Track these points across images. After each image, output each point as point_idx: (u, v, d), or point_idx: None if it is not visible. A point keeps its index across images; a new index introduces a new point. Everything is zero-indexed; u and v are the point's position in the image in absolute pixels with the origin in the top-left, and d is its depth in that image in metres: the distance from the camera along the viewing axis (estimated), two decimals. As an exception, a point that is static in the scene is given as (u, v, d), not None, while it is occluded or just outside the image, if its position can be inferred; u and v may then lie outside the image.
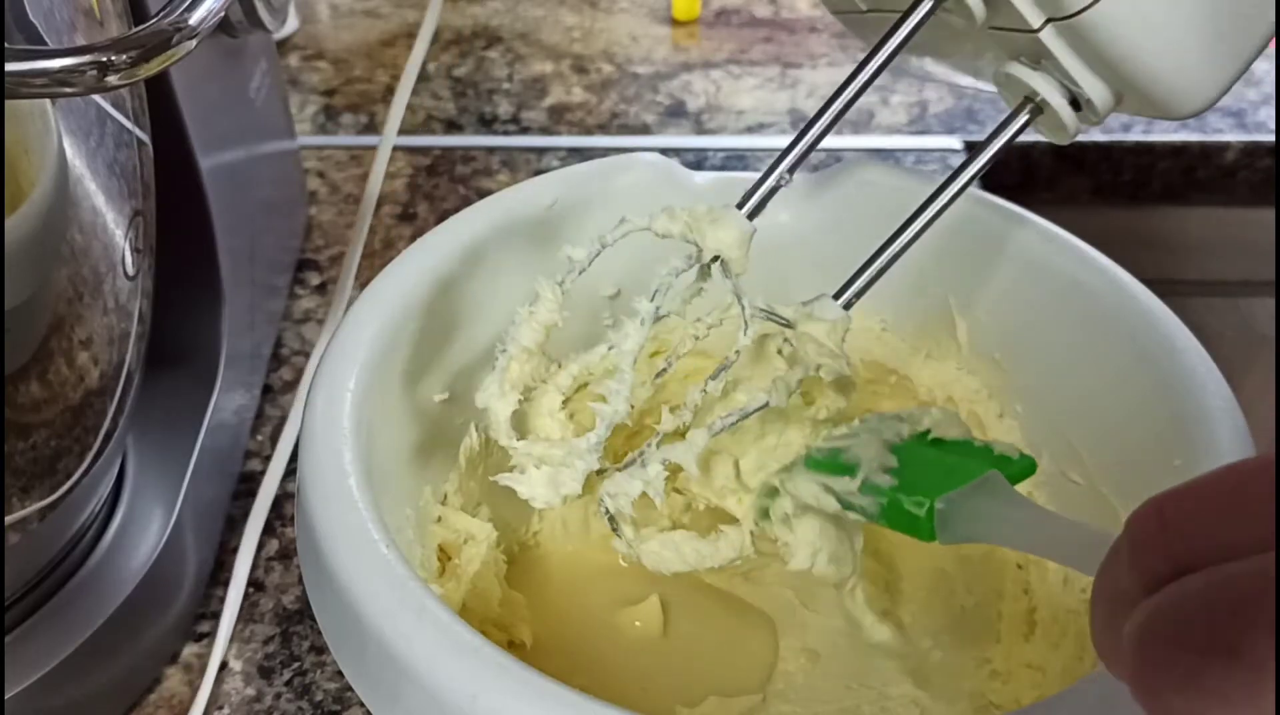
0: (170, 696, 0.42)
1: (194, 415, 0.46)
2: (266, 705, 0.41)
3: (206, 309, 0.47)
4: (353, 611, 0.29)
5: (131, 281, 0.36)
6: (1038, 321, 0.41)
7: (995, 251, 0.42)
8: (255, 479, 0.49)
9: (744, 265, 0.35)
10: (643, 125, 0.73)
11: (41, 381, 0.33)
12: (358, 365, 0.35)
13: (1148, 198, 0.74)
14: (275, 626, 0.44)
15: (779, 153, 0.36)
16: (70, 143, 0.32)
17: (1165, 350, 0.37)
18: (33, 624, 0.38)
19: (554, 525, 0.44)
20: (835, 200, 0.44)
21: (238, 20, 0.47)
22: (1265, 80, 0.77)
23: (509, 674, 0.28)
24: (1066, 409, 0.40)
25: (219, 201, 0.46)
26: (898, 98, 0.75)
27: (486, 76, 0.78)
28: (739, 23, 0.84)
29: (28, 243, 0.31)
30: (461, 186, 0.67)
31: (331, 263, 0.61)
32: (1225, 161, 0.72)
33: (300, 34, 0.82)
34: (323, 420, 0.34)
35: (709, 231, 0.34)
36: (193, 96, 0.44)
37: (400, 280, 0.38)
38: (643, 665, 0.40)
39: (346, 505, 0.31)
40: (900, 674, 0.40)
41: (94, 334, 0.35)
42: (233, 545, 0.47)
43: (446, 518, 0.39)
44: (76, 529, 0.39)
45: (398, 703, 0.29)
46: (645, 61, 0.79)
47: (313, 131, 0.72)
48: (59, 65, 0.26)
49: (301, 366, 0.55)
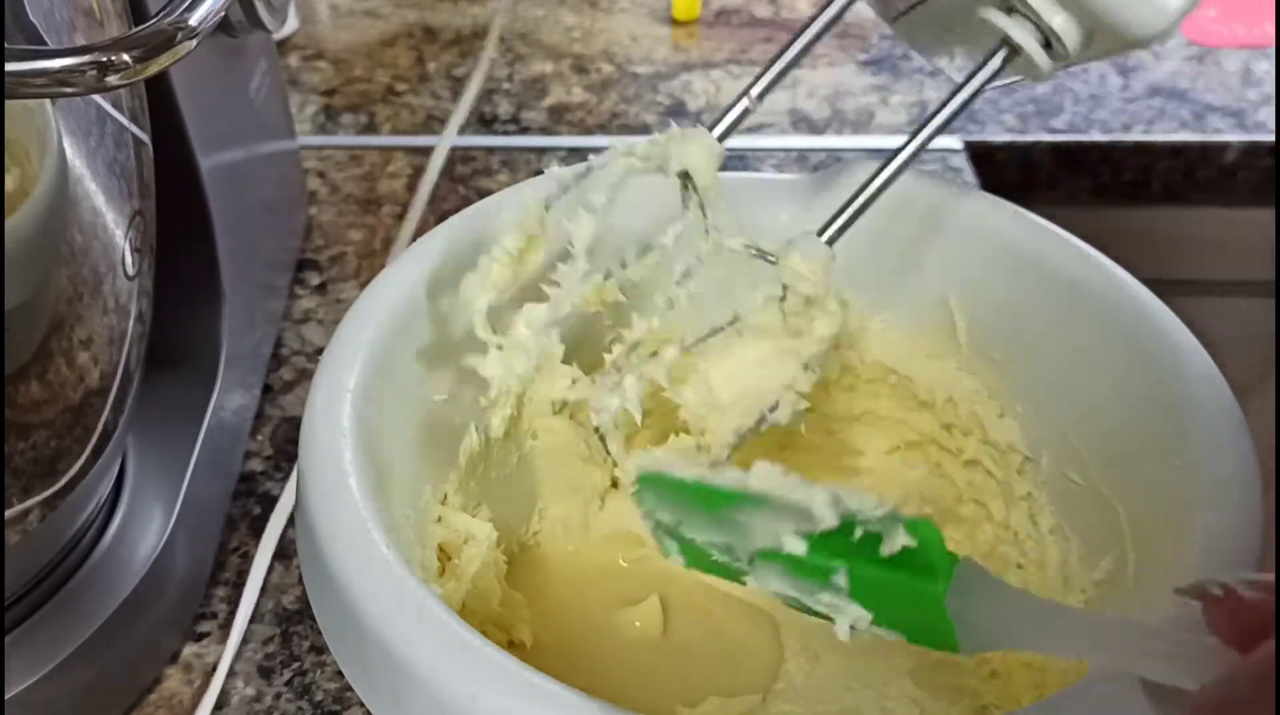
0: (170, 696, 0.42)
1: (194, 415, 0.46)
2: (266, 705, 0.41)
3: (206, 309, 0.47)
4: (353, 611, 0.29)
5: (131, 281, 0.36)
6: (1038, 321, 0.41)
7: (995, 251, 0.42)
8: (255, 479, 0.49)
9: (710, 180, 0.37)
10: (643, 125, 0.73)
11: (41, 381, 0.33)
12: (358, 365, 0.35)
13: (1148, 198, 0.74)
14: (275, 626, 0.44)
15: (758, 75, 0.39)
16: (70, 143, 0.32)
17: (1165, 350, 0.37)
18: (33, 623, 0.38)
19: (554, 525, 0.44)
20: (835, 200, 0.44)
21: (238, 20, 0.47)
22: (1265, 80, 0.77)
23: (509, 674, 0.28)
24: (1066, 409, 0.40)
25: (219, 201, 0.46)
26: (898, 98, 0.75)
27: (486, 76, 0.78)
28: (739, 23, 0.84)
29: (28, 243, 0.31)
30: (461, 186, 0.67)
31: (331, 263, 0.61)
32: (1225, 161, 0.72)
33: (300, 34, 0.82)
34: (323, 420, 0.34)
35: (676, 151, 0.36)
36: (193, 96, 0.44)
37: (400, 280, 0.38)
38: (643, 665, 0.40)
39: (346, 505, 0.31)
40: (900, 674, 0.40)
41: (94, 334, 0.35)
42: (232, 545, 0.47)
43: (446, 518, 0.39)
44: (76, 529, 0.39)
45: (398, 703, 0.29)
46: (645, 61, 0.79)
47: (313, 131, 0.72)
48: (59, 65, 0.26)
49: (301, 366, 0.55)
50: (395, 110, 0.74)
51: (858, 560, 0.29)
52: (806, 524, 0.29)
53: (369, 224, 0.64)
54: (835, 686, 0.40)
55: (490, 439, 0.41)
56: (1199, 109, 0.74)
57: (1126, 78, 0.77)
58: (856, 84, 0.77)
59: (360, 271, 0.61)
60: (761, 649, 0.41)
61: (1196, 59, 0.79)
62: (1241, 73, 0.78)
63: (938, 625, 0.29)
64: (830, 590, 0.29)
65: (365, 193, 0.67)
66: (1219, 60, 0.79)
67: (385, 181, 0.68)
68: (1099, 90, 0.76)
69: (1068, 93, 0.76)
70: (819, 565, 0.29)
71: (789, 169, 0.69)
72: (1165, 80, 0.76)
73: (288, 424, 0.52)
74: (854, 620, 0.30)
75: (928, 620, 0.29)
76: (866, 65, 0.79)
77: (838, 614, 0.30)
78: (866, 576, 0.29)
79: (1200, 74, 0.77)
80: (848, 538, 0.28)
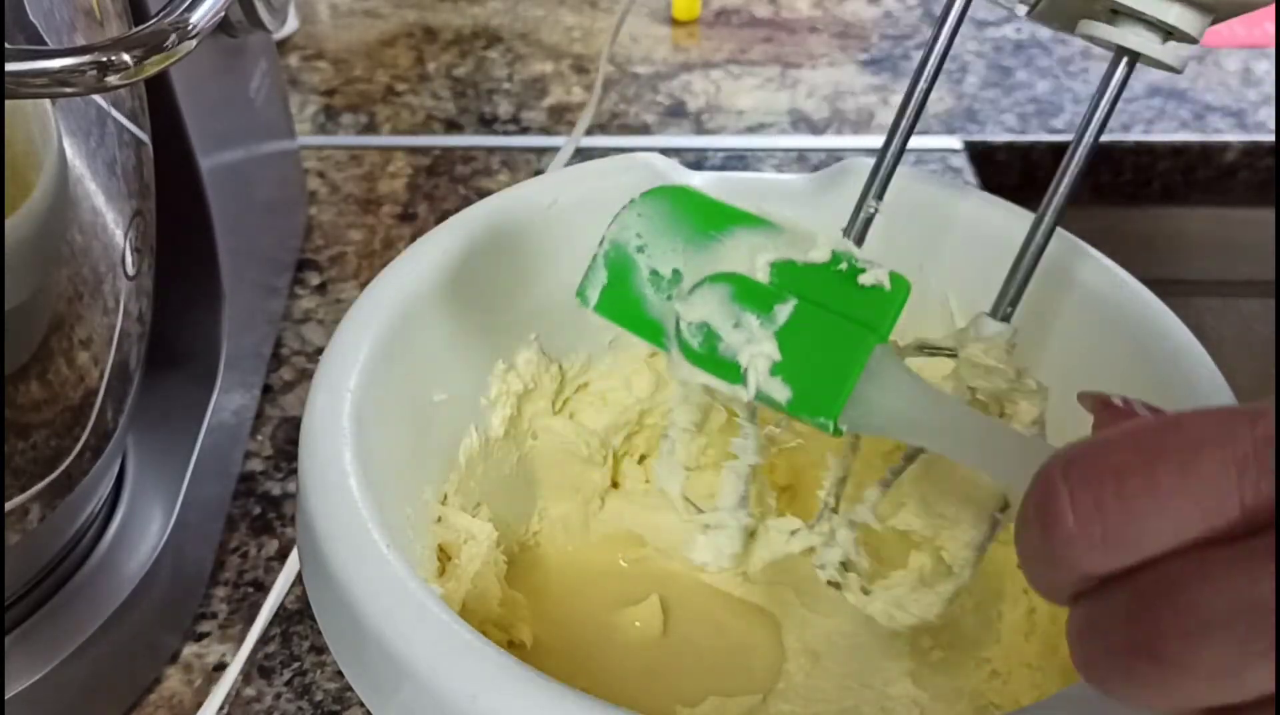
0: (170, 696, 0.42)
1: (194, 415, 0.46)
2: (266, 705, 0.41)
3: (206, 309, 0.47)
4: (353, 611, 0.29)
5: (131, 281, 0.36)
6: (1038, 321, 0.41)
7: (995, 251, 0.42)
8: (255, 479, 0.49)
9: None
10: (643, 125, 0.73)
11: (41, 381, 0.33)
12: (358, 365, 0.35)
13: (1148, 198, 0.74)
14: (275, 626, 0.44)
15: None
16: (70, 143, 0.32)
17: (1165, 351, 0.37)
18: (33, 623, 0.38)
19: (554, 526, 0.44)
20: (835, 200, 0.44)
21: (238, 20, 0.47)
22: (1265, 80, 0.77)
23: (509, 674, 0.28)
24: (1067, 409, 0.39)
25: (219, 201, 0.46)
26: (898, 97, 0.75)
27: (486, 76, 0.78)
28: (739, 23, 0.84)
29: (28, 243, 0.31)
30: (461, 186, 0.67)
31: (331, 263, 0.61)
32: (1225, 161, 0.72)
33: (300, 34, 0.82)
34: (323, 420, 0.34)
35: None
36: (193, 96, 0.44)
37: (400, 280, 0.38)
38: (643, 665, 0.40)
39: (346, 505, 0.31)
40: (900, 674, 0.40)
41: (94, 334, 0.35)
42: (232, 545, 0.47)
43: (446, 518, 0.39)
44: (77, 529, 0.39)
45: (398, 703, 0.29)
46: (645, 61, 0.79)
47: (313, 131, 0.72)
48: (59, 65, 0.26)
49: (301, 366, 0.55)
50: (395, 110, 0.74)
51: (806, 299, 0.31)
52: (792, 252, 0.32)
53: (369, 224, 0.64)
54: (835, 686, 0.40)
55: (490, 439, 0.41)
56: (1199, 109, 0.74)
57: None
58: (856, 84, 0.77)
59: (360, 271, 0.61)
60: (762, 649, 0.41)
61: (1196, 59, 0.79)
62: (1241, 73, 0.78)
63: (831, 388, 0.30)
64: (759, 321, 0.31)
65: (365, 193, 0.67)
66: (1219, 60, 0.79)
67: (385, 181, 0.68)
68: (1099, 90, 0.76)
69: (1067, 93, 0.76)
70: (770, 293, 0.31)
71: (789, 169, 0.69)
72: (1165, 80, 0.76)
73: (288, 424, 0.52)
74: (757, 356, 0.30)
75: (826, 381, 0.30)
76: (866, 65, 0.79)
77: (744, 348, 0.30)
78: (807, 314, 0.31)
79: (1200, 74, 0.77)
80: (819, 274, 0.31)
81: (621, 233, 0.33)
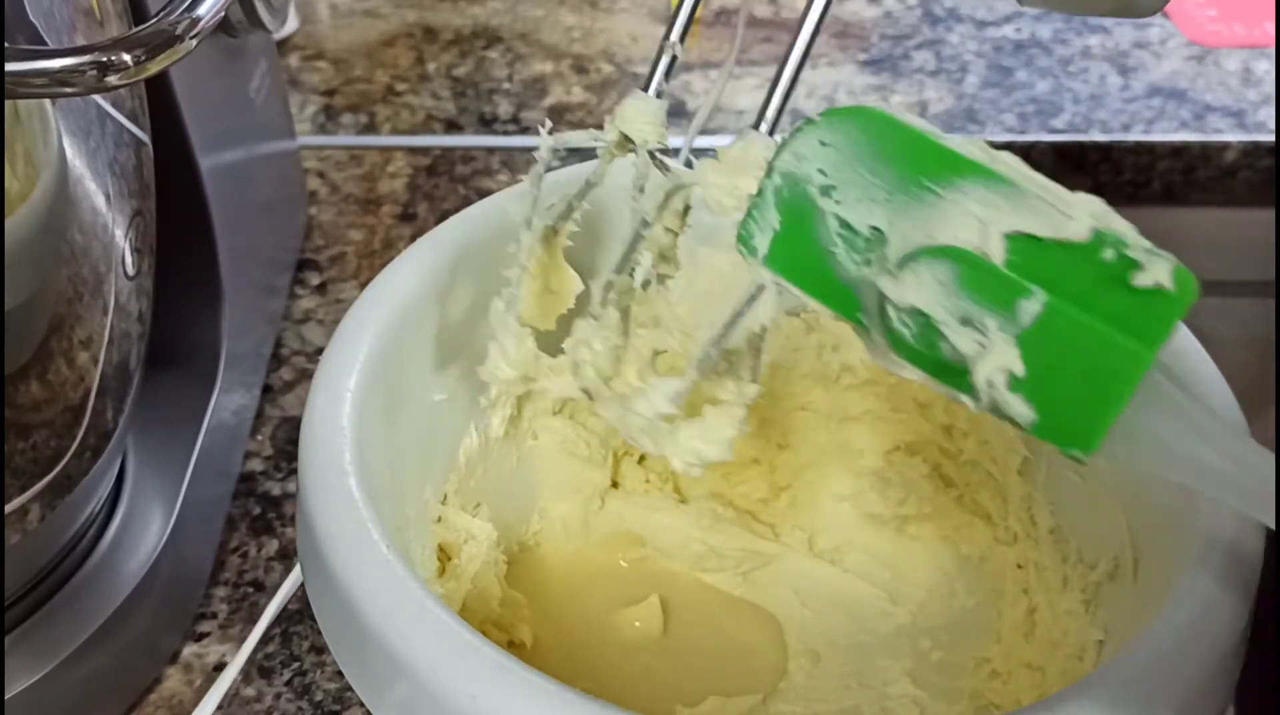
0: (170, 696, 0.42)
1: (194, 415, 0.46)
2: (266, 705, 0.41)
3: (206, 309, 0.47)
4: (353, 611, 0.29)
5: (131, 281, 0.36)
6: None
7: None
8: (255, 479, 0.49)
9: (658, 135, 0.36)
10: (643, 125, 0.73)
11: (41, 381, 0.33)
12: (358, 365, 0.35)
13: (1148, 198, 0.74)
14: (275, 626, 0.44)
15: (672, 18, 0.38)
16: (70, 143, 0.32)
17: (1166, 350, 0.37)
18: (33, 623, 0.38)
19: (554, 526, 0.44)
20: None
21: (238, 20, 0.47)
22: (1265, 80, 0.77)
23: (509, 674, 0.28)
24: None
25: (219, 201, 0.46)
26: (898, 97, 0.75)
27: (486, 76, 0.78)
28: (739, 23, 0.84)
29: (28, 243, 0.31)
30: (461, 186, 0.67)
31: (331, 263, 0.61)
32: (1225, 161, 0.72)
33: (300, 34, 0.82)
34: (323, 420, 0.34)
35: (621, 122, 0.36)
36: (193, 96, 0.44)
37: (400, 280, 0.38)
38: (643, 665, 0.40)
39: (346, 505, 0.31)
40: (900, 674, 0.40)
41: (94, 334, 0.35)
42: (232, 545, 0.47)
43: (446, 518, 0.39)
44: (76, 529, 0.39)
45: (398, 703, 0.29)
46: (645, 61, 0.79)
47: (313, 131, 0.72)
48: (59, 65, 0.26)
49: (301, 366, 0.55)
50: (395, 110, 0.74)
51: (1059, 293, 0.23)
52: (1039, 224, 0.23)
53: (369, 224, 0.64)
54: (835, 686, 0.40)
55: (490, 439, 0.41)
56: (1199, 109, 0.74)
57: (1126, 77, 0.77)
58: (856, 84, 0.77)
59: (360, 271, 0.61)
60: (762, 649, 0.41)
61: (1196, 59, 0.79)
62: (1241, 73, 0.78)
63: (1090, 416, 0.24)
64: (998, 321, 0.24)
65: (365, 193, 0.67)
66: (1219, 60, 0.79)
67: (385, 181, 0.68)
68: (1099, 90, 0.76)
69: (1067, 93, 0.76)
70: (1011, 283, 0.23)
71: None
72: (1165, 80, 0.76)
73: (288, 424, 0.52)
74: (999, 369, 0.24)
75: (1084, 405, 0.24)
76: (866, 65, 0.79)
77: (980, 358, 0.24)
78: (1059, 316, 0.23)
79: (1200, 74, 0.77)
80: (1074, 258, 0.23)
81: (800, 165, 0.25)
